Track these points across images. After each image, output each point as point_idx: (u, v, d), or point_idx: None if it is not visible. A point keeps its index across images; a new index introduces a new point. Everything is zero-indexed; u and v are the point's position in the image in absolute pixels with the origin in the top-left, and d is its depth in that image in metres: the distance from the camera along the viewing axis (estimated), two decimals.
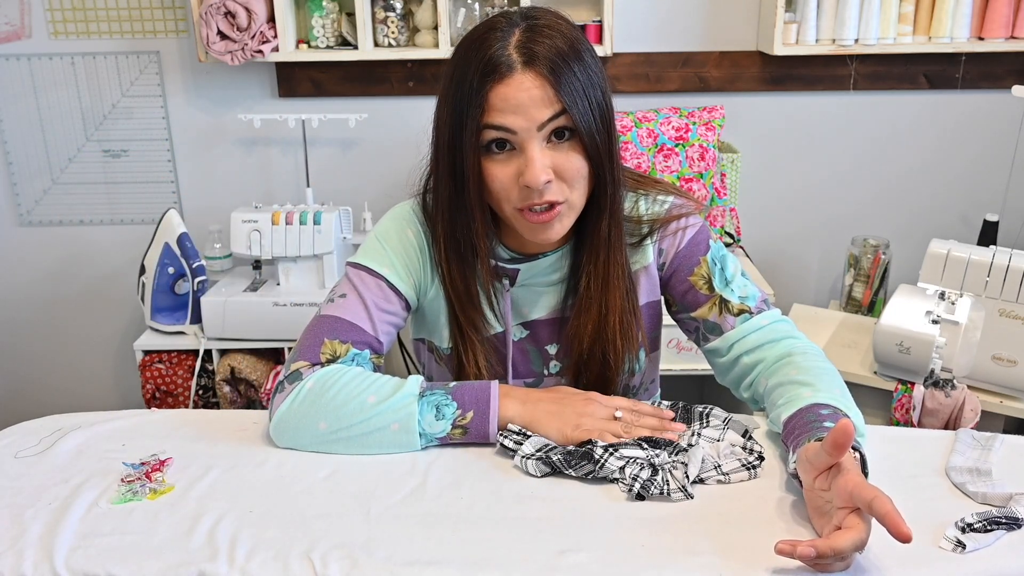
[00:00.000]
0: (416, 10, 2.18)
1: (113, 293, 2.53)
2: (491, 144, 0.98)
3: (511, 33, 0.97)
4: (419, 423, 0.97)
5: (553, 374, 1.18)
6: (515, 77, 0.95)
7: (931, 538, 0.84)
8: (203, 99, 2.36)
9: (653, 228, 1.13)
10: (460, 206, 1.03)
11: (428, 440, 0.99)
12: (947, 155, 2.39)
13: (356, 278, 1.09)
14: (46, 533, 0.86)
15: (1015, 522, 0.86)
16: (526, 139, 0.97)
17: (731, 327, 1.12)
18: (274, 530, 0.87)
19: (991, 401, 1.71)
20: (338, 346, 1.04)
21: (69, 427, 1.08)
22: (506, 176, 0.99)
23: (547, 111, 0.95)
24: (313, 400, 0.99)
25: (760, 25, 2.25)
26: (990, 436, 1.04)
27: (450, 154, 1.00)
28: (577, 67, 0.97)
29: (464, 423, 0.98)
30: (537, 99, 0.95)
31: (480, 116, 0.96)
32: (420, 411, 0.98)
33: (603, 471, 0.94)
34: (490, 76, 0.95)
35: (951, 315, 1.68)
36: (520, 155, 0.98)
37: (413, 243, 1.12)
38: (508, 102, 0.95)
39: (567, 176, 0.99)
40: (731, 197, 2.24)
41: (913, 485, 0.94)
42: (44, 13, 2.28)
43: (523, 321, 1.16)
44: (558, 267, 1.13)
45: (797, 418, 0.94)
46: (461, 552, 0.83)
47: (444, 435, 0.99)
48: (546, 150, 0.97)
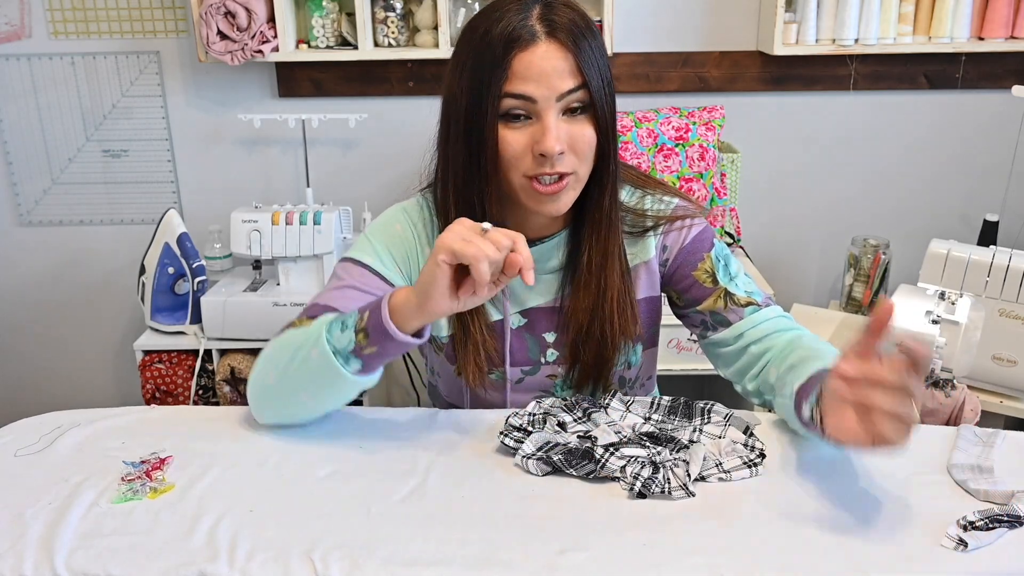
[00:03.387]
0: (416, 10, 2.18)
1: (113, 293, 2.53)
2: (508, 112, 1.01)
3: (531, 6, 1.00)
4: (328, 341, 0.96)
5: (550, 362, 1.19)
6: (539, 46, 0.98)
7: (933, 537, 0.84)
8: (203, 99, 2.36)
9: (657, 223, 1.16)
10: (476, 172, 1.04)
11: (344, 358, 0.97)
12: (947, 155, 2.38)
13: (342, 270, 1.13)
14: (46, 533, 0.86)
15: (1017, 520, 0.86)
16: (544, 108, 0.99)
17: (740, 318, 1.13)
18: (274, 530, 0.87)
19: (991, 401, 1.71)
20: (303, 322, 1.06)
21: (68, 424, 1.08)
22: (520, 144, 1.01)
23: (569, 82, 0.99)
24: (263, 362, 1.05)
25: (760, 25, 2.25)
26: (992, 432, 1.04)
27: (467, 121, 1.02)
28: (593, 43, 1.01)
29: (363, 325, 0.96)
30: (560, 69, 0.98)
31: (503, 83, 0.99)
32: (328, 330, 0.97)
33: (604, 470, 0.94)
34: (514, 44, 0.98)
35: (951, 315, 1.67)
36: (535, 124, 1.01)
37: (400, 236, 1.15)
38: (531, 70, 0.98)
39: (579, 149, 1.02)
40: (731, 197, 2.24)
41: (915, 483, 0.94)
42: (44, 13, 2.28)
43: (521, 309, 1.17)
44: (555, 254, 1.15)
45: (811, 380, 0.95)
46: (462, 552, 0.83)
47: (353, 346, 0.96)
48: (561, 121, 1.00)
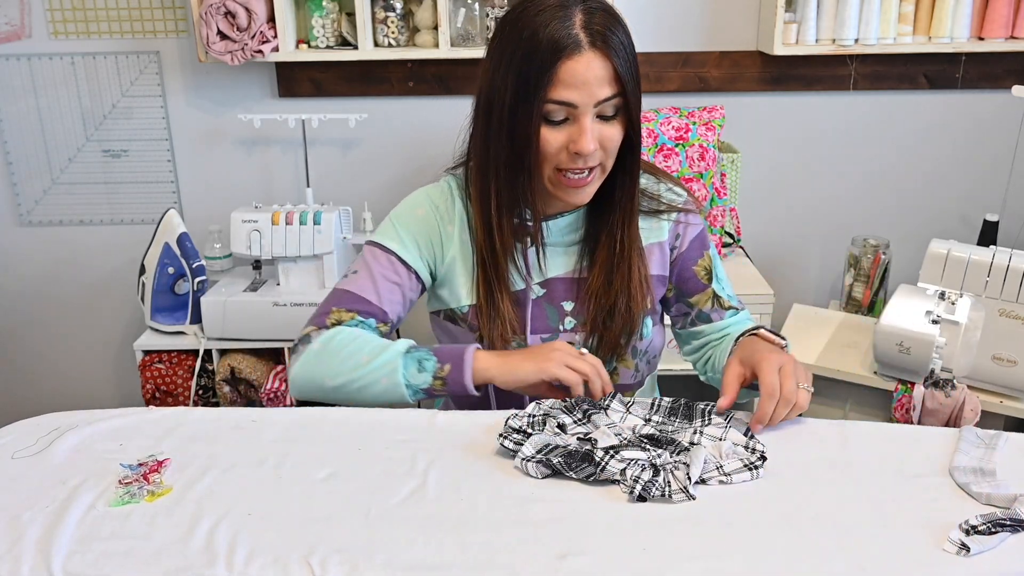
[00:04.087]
0: (416, 10, 2.18)
1: (113, 293, 2.53)
2: (549, 114, 1.09)
3: (572, 11, 1.07)
4: (403, 375, 1.10)
5: (568, 329, 1.25)
6: (584, 55, 1.06)
7: (935, 540, 0.84)
8: (203, 99, 2.35)
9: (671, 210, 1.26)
10: (518, 166, 1.13)
11: (414, 392, 1.11)
12: (947, 155, 2.38)
13: (368, 254, 1.22)
14: (44, 537, 0.86)
15: (1020, 524, 0.86)
16: (583, 112, 1.08)
17: (721, 319, 1.30)
18: (273, 533, 0.87)
19: (991, 401, 1.71)
20: (343, 314, 1.17)
21: (66, 426, 1.08)
22: (558, 141, 1.10)
23: (607, 90, 1.07)
24: (318, 359, 1.13)
25: (760, 25, 2.25)
26: (994, 434, 1.03)
27: (511, 120, 1.10)
28: (630, 50, 1.09)
29: (443, 375, 1.10)
30: (601, 78, 1.06)
31: (548, 89, 1.06)
32: (404, 365, 1.10)
33: (604, 473, 0.94)
34: (560, 53, 1.05)
35: (951, 315, 1.67)
36: (573, 125, 1.09)
37: (423, 219, 1.23)
38: (576, 78, 1.06)
39: (608, 147, 1.12)
40: (731, 197, 2.24)
41: (917, 485, 0.94)
42: (44, 13, 2.27)
43: (541, 280, 1.24)
44: (575, 227, 1.23)
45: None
46: (461, 555, 0.83)
47: (427, 386, 1.10)
48: (596, 123, 1.09)
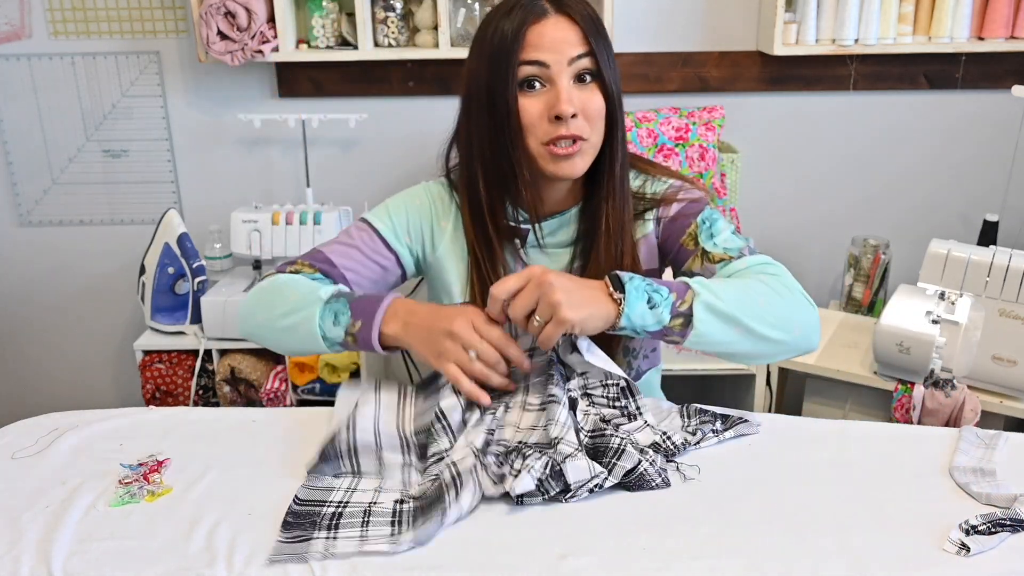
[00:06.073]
0: (416, 10, 2.18)
1: (113, 293, 2.53)
2: (525, 81, 1.10)
3: None
4: (320, 326, 1.07)
5: None
6: (550, 19, 1.10)
7: (935, 540, 0.84)
8: (203, 99, 2.35)
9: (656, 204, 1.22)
10: (502, 140, 1.13)
11: (331, 344, 1.08)
12: (947, 155, 2.38)
13: (355, 228, 1.24)
14: (43, 537, 0.86)
15: (1020, 524, 0.86)
16: (557, 72, 1.09)
17: (712, 274, 1.13)
18: (273, 533, 0.87)
19: (991, 401, 1.71)
20: (305, 267, 1.18)
21: (66, 426, 1.08)
22: (537, 110, 1.11)
23: (578, 48, 1.10)
24: (258, 296, 1.16)
25: (760, 25, 2.25)
26: (994, 434, 1.03)
27: (489, 93, 1.12)
28: (597, 22, 1.13)
29: (354, 331, 1.07)
30: (569, 38, 1.10)
31: (519, 52, 1.09)
32: (321, 315, 1.08)
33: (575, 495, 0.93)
34: (528, 19, 1.10)
35: (951, 315, 1.67)
36: (550, 90, 1.10)
37: (417, 206, 1.24)
38: (544, 38, 1.09)
39: (590, 113, 1.11)
40: (731, 197, 2.24)
41: (917, 485, 0.94)
42: (44, 13, 2.27)
43: None
44: (567, 227, 1.21)
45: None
46: (461, 556, 0.83)
47: (340, 339, 1.08)
48: (573, 88, 1.10)
